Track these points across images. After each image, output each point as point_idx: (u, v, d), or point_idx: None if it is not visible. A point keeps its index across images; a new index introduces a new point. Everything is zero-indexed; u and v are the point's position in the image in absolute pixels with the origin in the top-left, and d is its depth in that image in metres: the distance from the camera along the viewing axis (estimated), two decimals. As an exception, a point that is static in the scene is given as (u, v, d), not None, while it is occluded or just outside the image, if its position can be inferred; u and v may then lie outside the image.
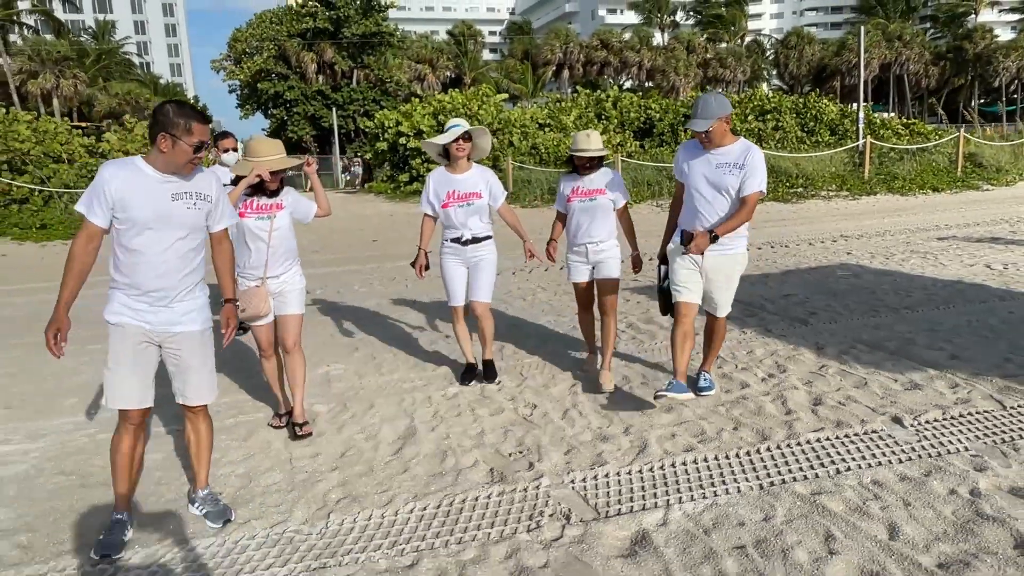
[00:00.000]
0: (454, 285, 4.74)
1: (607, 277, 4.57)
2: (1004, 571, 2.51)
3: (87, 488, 3.44)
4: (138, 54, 75.74)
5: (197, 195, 2.82)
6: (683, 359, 3.90)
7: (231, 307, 3.03)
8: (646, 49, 60.25)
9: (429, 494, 3.28)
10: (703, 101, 3.77)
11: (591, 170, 4.52)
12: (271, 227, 3.83)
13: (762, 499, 3.11)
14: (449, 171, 4.66)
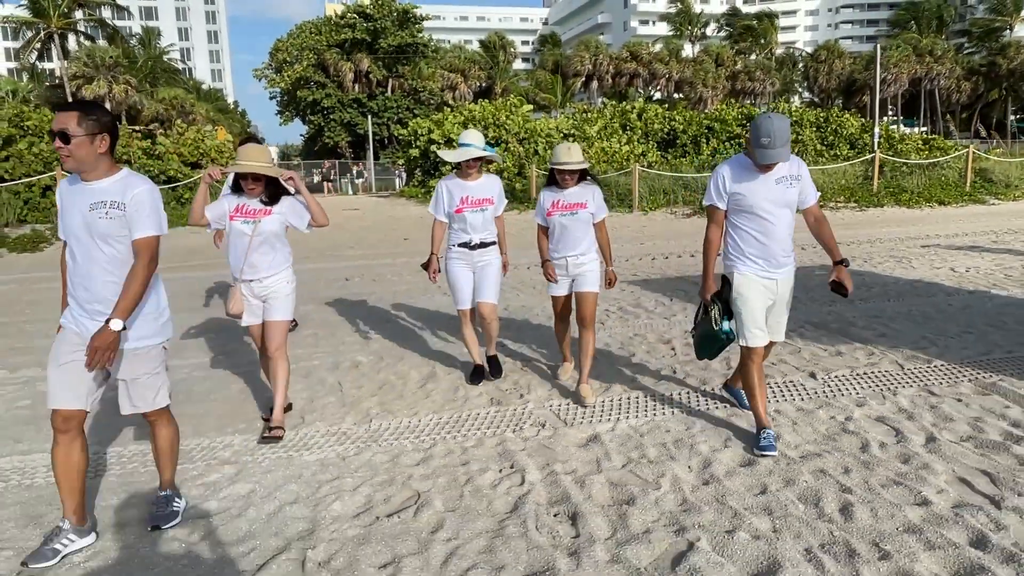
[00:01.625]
0: (462, 289, 4.86)
1: (587, 291, 4.55)
2: (845, 462, 3.57)
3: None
4: (181, 60, 78.45)
5: (111, 204, 2.74)
6: (764, 402, 3.80)
7: (104, 329, 2.71)
8: (675, 61, 61.14)
9: (444, 410, 4.45)
10: (777, 127, 3.35)
11: (572, 183, 4.50)
12: (253, 231, 3.94)
13: (688, 418, 4.21)
14: (461, 178, 4.81)
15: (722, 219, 3.76)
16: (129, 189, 2.78)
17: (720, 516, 3.06)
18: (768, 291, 3.70)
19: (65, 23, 44.90)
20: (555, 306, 4.83)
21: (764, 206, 3.60)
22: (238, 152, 3.96)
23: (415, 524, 3.07)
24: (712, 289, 3.87)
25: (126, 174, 2.83)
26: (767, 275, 3.69)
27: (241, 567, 2.78)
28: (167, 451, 3.11)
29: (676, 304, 7.49)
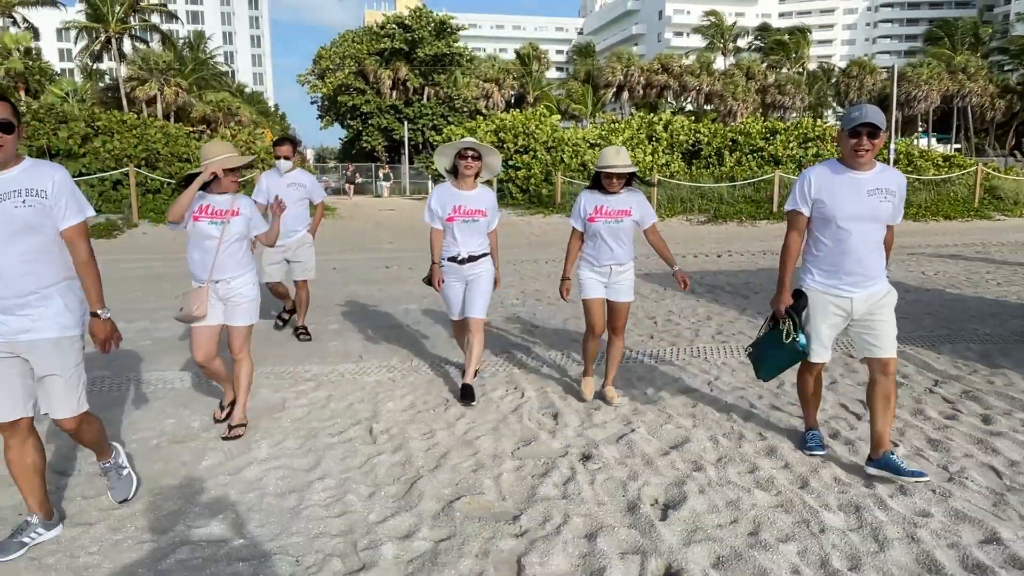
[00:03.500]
0: (452, 301, 4.80)
1: (623, 301, 4.49)
2: (760, 391, 4.83)
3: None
4: (225, 63, 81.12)
5: (27, 191, 2.63)
6: (815, 409, 3.87)
7: (96, 322, 2.84)
8: (705, 74, 62.00)
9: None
10: (868, 106, 3.17)
11: (619, 187, 4.30)
12: (223, 233, 3.87)
13: (652, 363, 5.49)
14: (455, 187, 4.65)
15: (803, 226, 3.47)
16: (46, 176, 2.68)
17: (658, 417, 4.36)
18: (838, 310, 3.42)
19: (121, 28, 47.40)
20: (589, 312, 4.52)
21: (846, 217, 3.29)
22: (202, 150, 3.96)
23: (445, 415, 4.43)
24: (787, 301, 3.54)
25: (32, 162, 2.73)
26: (837, 293, 3.39)
27: (329, 433, 4.15)
28: (93, 444, 3.14)
29: (667, 292, 8.75)
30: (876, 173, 3.37)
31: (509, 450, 3.89)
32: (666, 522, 3.08)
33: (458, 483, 3.48)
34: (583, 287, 4.52)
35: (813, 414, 3.86)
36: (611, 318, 4.56)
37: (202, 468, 3.67)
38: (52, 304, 2.72)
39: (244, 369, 4.10)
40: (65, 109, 20.45)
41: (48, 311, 2.71)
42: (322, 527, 3.06)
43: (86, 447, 3.13)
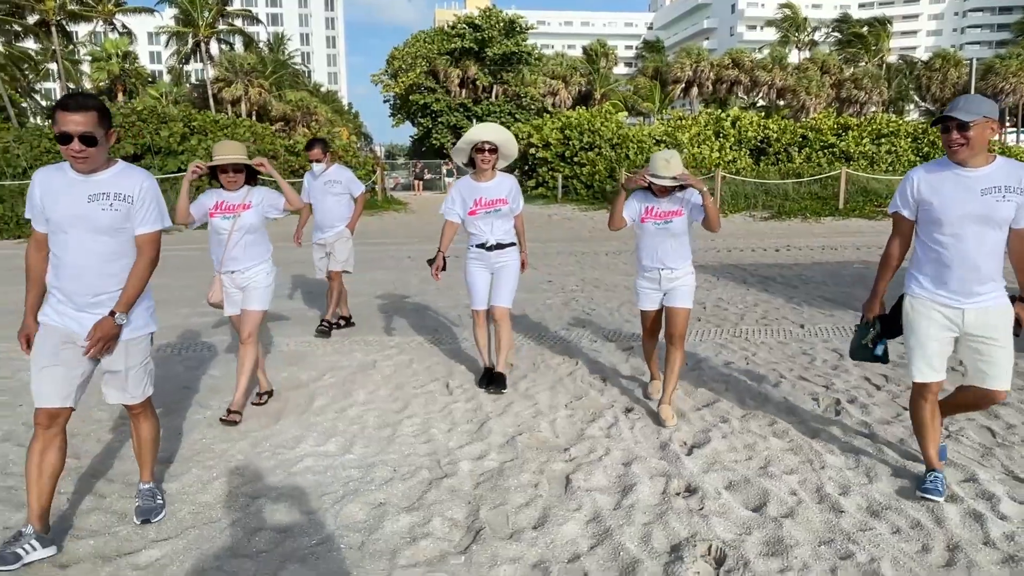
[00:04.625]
0: (477, 289, 4.83)
1: (680, 307, 4.23)
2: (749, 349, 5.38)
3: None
4: (302, 63, 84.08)
5: (116, 196, 2.72)
6: (935, 445, 3.31)
7: (107, 320, 2.78)
8: (778, 69, 60.81)
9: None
10: (968, 96, 2.97)
11: (668, 192, 4.12)
12: (233, 226, 4.13)
13: (711, 346, 6.11)
14: (474, 179, 4.75)
15: (909, 231, 3.20)
16: (135, 182, 2.78)
17: (694, 382, 4.99)
18: (947, 322, 3.09)
19: (209, 32, 50.21)
20: (644, 322, 4.47)
21: (956, 220, 2.98)
22: (215, 148, 4.15)
23: (510, 376, 5.16)
24: (876, 310, 3.37)
25: (124, 166, 2.82)
26: (946, 303, 3.07)
27: (413, 386, 4.95)
28: (149, 444, 3.11)
29: (719, 281, 9.27)
30: (994, 169, 3.00)
31: (563, 403, 4.61)
32: (690, 456, 3.74)
33: (520, 424, 4.23)
34: (637, 296, 4.43)
35: (931, 450, 3.29)
36: (668, 325, 4.29)
37: (314, 408, 4.54)
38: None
39: (249, 355, 4.25)
40: (166, 111, 22.22)
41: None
42: (412, 449, 3.86)
43: (139, 445, 3.10)
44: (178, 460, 3.74)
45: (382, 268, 10.80)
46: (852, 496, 3.29)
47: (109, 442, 4.00)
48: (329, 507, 3.21)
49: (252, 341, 4.25)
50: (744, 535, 2.96)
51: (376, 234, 16.01)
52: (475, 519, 3.11)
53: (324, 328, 6.46)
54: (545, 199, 25.50)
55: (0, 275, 10.24)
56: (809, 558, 2.78)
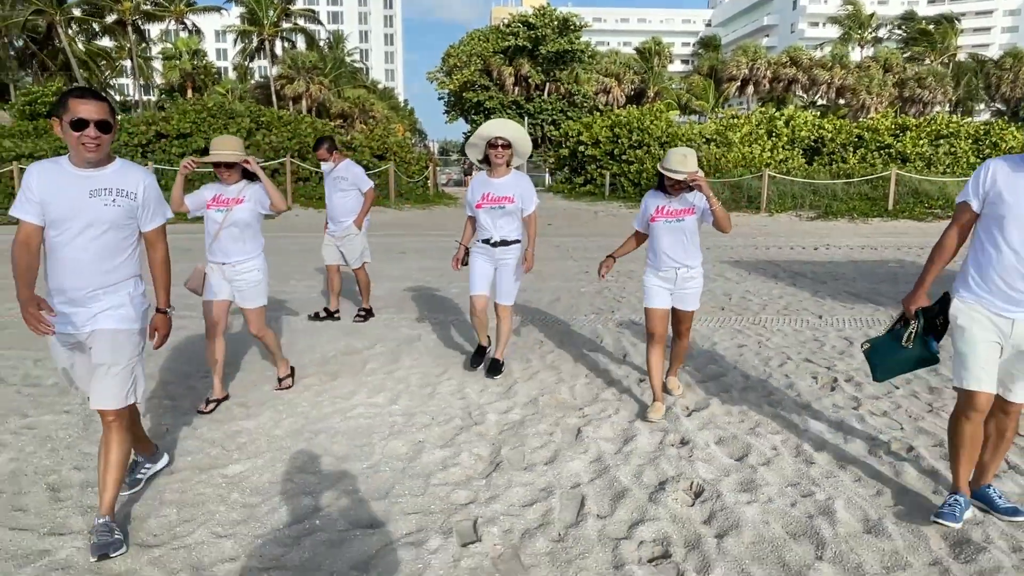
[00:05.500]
0: (477, 276, 4.94)
1: (688, 310, 4.33)
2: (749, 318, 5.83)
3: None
4: (360, 60, 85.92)
5: (118, 191, 2.72)
6: (968, 468, 3.05)
7: (160, 317, 2.96)
8: (838, 67, 59.58)
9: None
10: None
11: (682, 190, 4.12)
12: (224, 219, 4.25)
13: (727, 330, 6.59)
14: (488, 175, 4.85)
15: (968, 223, 2.95)
16: (138, 180, 2.80)
17: (706, 360, 5.49)
18: (996, 330, 2.86)
19: (274, 31, 52.13)
20: (650, 321, 4.31)
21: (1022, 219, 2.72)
22: (213, 143, 4.23)
23: (540, 350, 5.77)
24: (920, 302, 3.08)
25: (123, 163, 2.83)
26: (996, 311, 2.85)
27: (453, 354, 5.60)
28: (116, 466, 2.83)
29: (750, 276, 9.66)
30: None
31: (583, 373, 5.19)
32: (689, 418, 4.28)
33: (543, 388, 4.83)
34: (646, 294, 4.33)
35: (963, 471, 3.03)
36: (675, 322, 4.41)
37: (366, 370, 5.24)
38: (116, 297, 2.81)
39: (269, 338, 4.58)
40: (233, 107, 23.51)
41: (112, 303, 2.79)
42: (448, 403, 4.51)
43: (109, 468, 2.86)
44: (253, 405, 4.48)
45: (430, 257, 11.50)
46: (825, 452, 3.78)
47: (199, 389, 4.76)
48: (377, 442, 3.88)
49: (264, 331, 4.51)
50: (723, 476, 3.50)
51: (427, 226, 16.79)
52: (497, 456, 3.73)
53: (323, 314, 6.85)
54: (593, 196, 25.94)
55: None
56: (774, 495, 3.30)
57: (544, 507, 3.18)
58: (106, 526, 2.79)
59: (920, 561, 2.78)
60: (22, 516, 3.05)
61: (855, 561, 2.76)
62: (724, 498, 3.26)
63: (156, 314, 2.99)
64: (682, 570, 2.71)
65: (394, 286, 8.68)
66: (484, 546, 2.86)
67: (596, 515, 3.12)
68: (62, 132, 2.64)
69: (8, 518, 3.03)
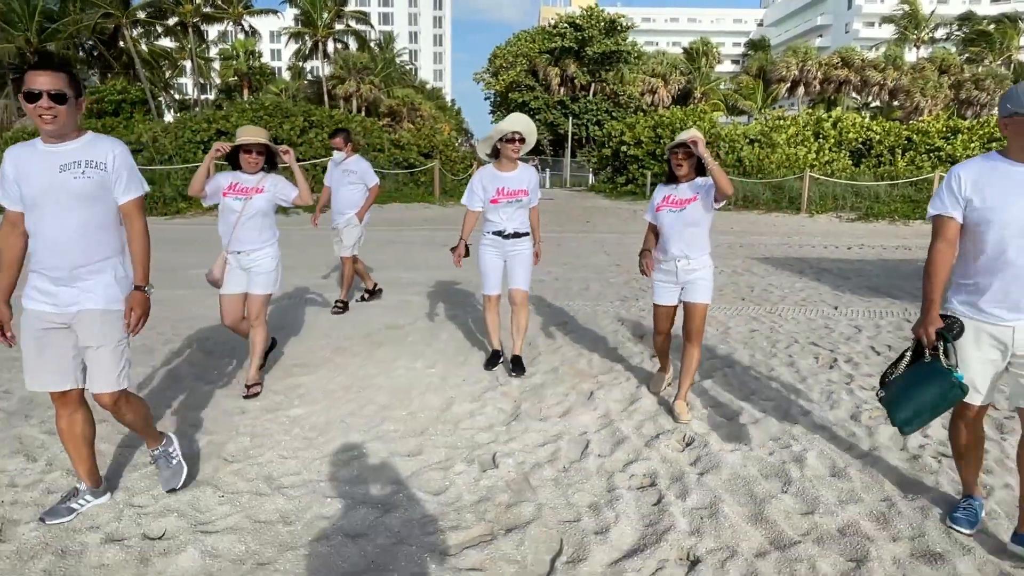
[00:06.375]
0: (490, 275, 4.93)
1: (697, 301, 4.12)
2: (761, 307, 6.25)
3: (451, 285, 8.28)
4: (409, 60, 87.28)
5: (87, 163, 2.65)
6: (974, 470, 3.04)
7: (138, 295, 2.81)
8: (891, 68, 58.38)
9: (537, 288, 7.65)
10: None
11: (686, 170, 4.07)
12: (244, 208, 4.23)
13: (741, 312, 7.05)
14: (497, 168, 4.81)
15: (955, 235, 2.79)
16: (107, 150, 2.72)
17: (719, 341, 5.97)
18: (994, 341, 2.74)
19: (327, 32, 53.69)
20: (657, 320, 4.36)
21: (1011, 223, 2.62)
22: (239, 131, 4.28)
23: (565, 328, 6.31)
24: (936, 323, 2.78)
25: (94, 136, 2.75)
26: (994, 321, 2.73)
27: (479, 337, 6.20)
28: (140, 425, 3.05)
29: (778, 271, 10.02)
30: None
31: (603, 348, 5.73)
32: (691, 385, 4.78)
33: (564, 360, 5.39)
34: (653, 290, 4.34)
35: (970, 476, 3.04)
36: (685, 320, 4.20)
37: (407, 341, 5.87)
38: (102, 277, 2.74)
39: (259, 335, 4.44)
40: (287, 106, 24.59)
41: (98, 283, 2.73)
42: (478, 369, 5.11)
43: (130, 428, 3.05)
44: (309, 364, 5.15)
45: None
46: (810, 417, 4.25)
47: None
48: (415, 397, 4.50)
49: (260, 322, 4.42)
50: (713, 430, 4.01)
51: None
52: (517, 409, 4.31)
53: (339, 308, 6.88)
54: (633, 195, 26.29)
55: (153, 245, 12.33)
56: (756, 445, 3.80)
57: (553, 447, 3.75)
58: (164, 453, 3.16)
59: (872, 498, 3.25)
60: (125, 437, 3.76)
61: (814, 495, 3.25)
62: (710, 447, 3.77)
63: (133, 291, 2.83)
64: (663, 495, 3.24)
65: (434, 273, 9.32)
66: (500, 472, 3.44)
67: (597, 455, 3.67)
68: (25, 106, 2.57)
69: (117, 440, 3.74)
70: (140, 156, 20.72)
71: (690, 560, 2.74)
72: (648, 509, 3.12)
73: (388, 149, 23.58)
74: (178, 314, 6.63)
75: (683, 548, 2.82)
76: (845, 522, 3.02)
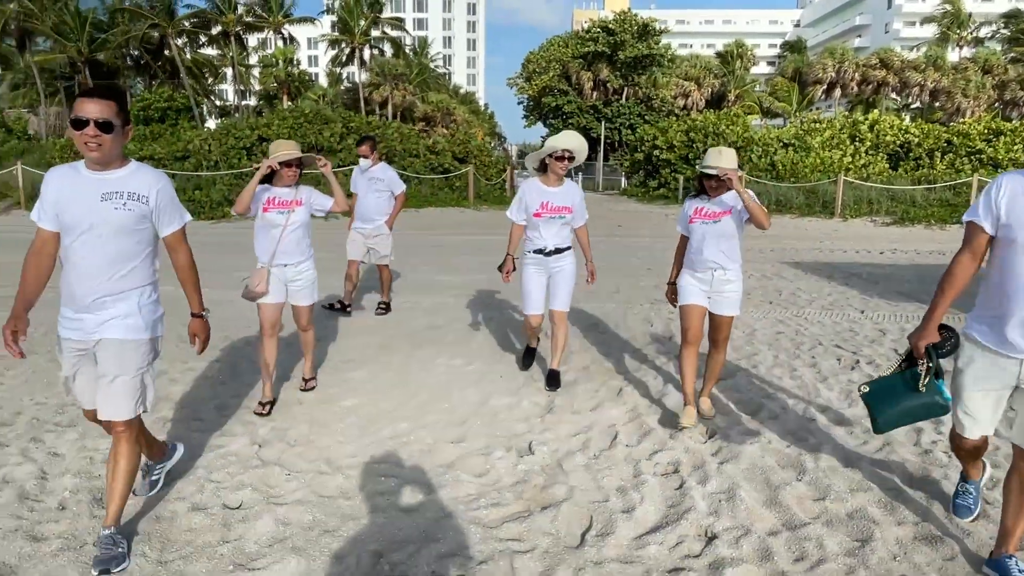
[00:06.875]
0: (532, 294, 4.87)
1: (726, 314, 4.18)
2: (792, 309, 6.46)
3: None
4: (443, 66, 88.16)
5: (129, 195, 2.66)
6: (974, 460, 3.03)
7: (197, 322, 2.88)
8: (931, 69, 57.33)
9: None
10: None
11: (721, 191, 4.07)
12: (287, 221, 4.33)
13: (767, 316, 7.28)
14: (543, 183, 4.77)
15: (982, 247, 2.63)
16: (150, 183, 2.72)
17: (744, 337, 6.22)
18: (1002, 374, 2.61)
19: (364, 40, 54.71)
20: (685, 318, 4.23)
21: None
22: (273, 146, 4.33)
23: (598, 330, 6.62)
24: (930, 338, 2.76)
25: (138, 166, 2.76)
26: (1007, 351, 2.57)
27: (512, 332, 6.53)
28: (124, 476, 2.80)
29: (808, 275, 10.17)
30: None
31: (632, 348, 6.02)
32: (717, 385, 5.05)
33: (594, 358, 5.70)
34: (681, 292, 4.27)
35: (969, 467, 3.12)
36: (712, 330, 4.27)
37: (447, 341, 6.25)
38: (124, 306, 2.73)
39: (310, 340, 4.74)
40: (327, 113, 25.28)
41: (119, 312, 2.72)
42: (514, 366, 5.45)
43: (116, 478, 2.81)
44: (357, 361, 5.56)
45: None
46: (829, 413, 4.50)
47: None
48: (455, 391, 4.86)
49: (310, 329, 4.69)
50: (735, 425, 4.29)
51: (505, 225, 17.74)
52: (551, 403, 4.64)
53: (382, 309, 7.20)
54: (666, 199, 26.42)
55: (201, 248, 12.93)
56: (774, 438, 4.07)
57: (585, 437, 4.07)
58: (110, 538, 2.75)
59: (882, 487, 3.50)
60: (199, 424, 4.18)
61: (826, 483, 3.52)
62: (732, 439, 4.06)
63: (193, 320, 2.90)
64: (685, 480, 3.54)
65: (472, 276, 9.70)
66: (535, 458, 3.78)
67: (625, 444, 3.98)
68: (72, 134, 2.60)
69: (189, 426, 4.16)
70: (187, 162, 21.55)
71: (707, 536, 3.04)
72: (671, 492, 3.43)
73: (423, 154, 24.09)
74: (232, 313, 7.09)
75: (701, 526, 3.11)
76: (854, 507, 3.28)
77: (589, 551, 2.92)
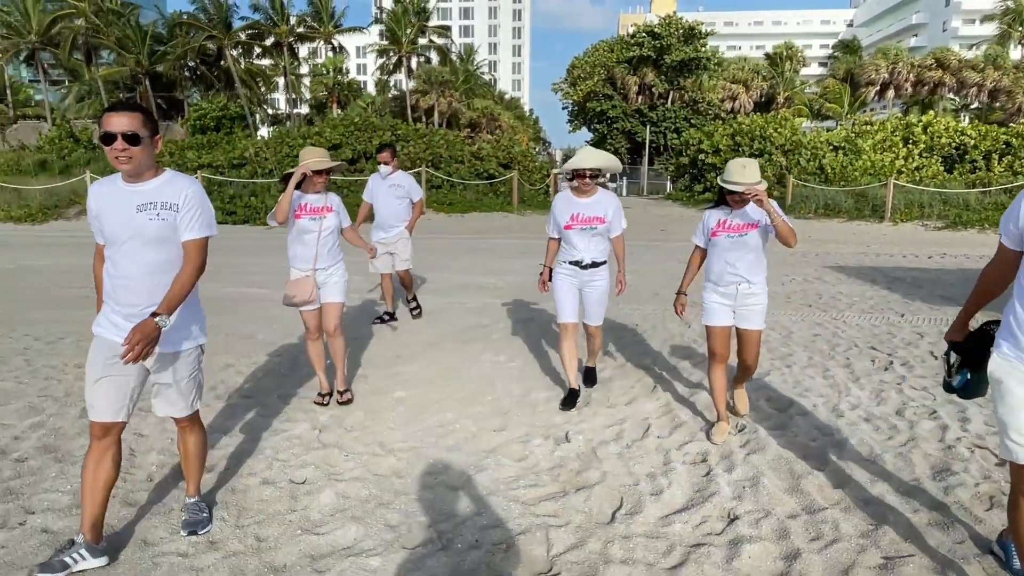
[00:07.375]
0: (565, 302, 4.72)
1: (752, 328, 4.10)
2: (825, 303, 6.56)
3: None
4: (489, 71, 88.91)
5: (162, 205, 2.71)
6: None
7: (150, 321, 2.61)
8: (991, 68, 55.51)
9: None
10: None
11: (743, 204, 3.92)
12: (321, 227, 4.47)
13: (792, 318, 7.41)
14: (575, 194, 4.68)
15: (1008, 261, 2.58)
16: (180, 189, 2.75)
17: (776, 336, 6.38)
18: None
19: (411, 48, 55.79)
20: (712, 341, 4.15)
21: None
22: (304, 153, 4.48)
23: (630, 330, 6.86)
24: (954, 336, 2.87)
25: (172, 175, 2.79)
26: None
27: (546, 331, 6.82)
28: (196, 457, 3.11)
29: (849, 279, 10.20)
30: None
31: (667, 348, 6.26)
32: (750, 383, 5.25)
33: (630, 357, 5.94)
34: (706, 312, 4.18)
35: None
36: (740, 348, 4.20)
37: (492, 339, 6.58)
38: (176, 317, 2.77)
39: (339, 346, 4.70)
40: (375, 121, 25.99)
41: (172, 324, 2.75)
42: (555, 363, 5.74)
43: (189, 460, 3.11)
44: (406, 355, 5.92)
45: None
46: (858, 410, 4.66)
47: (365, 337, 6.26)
48: (499, 385, 5.18)
49: (339, 331, 4.67)
50: (764, 420, 4.50)
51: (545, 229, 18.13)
52: (588, 397, 4.92)
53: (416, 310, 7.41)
54: (711, 203, 26.28)
55: (250, 249, 13.56)
56: (801, 433, 4.27)
57: (618, 429, 4.34)
58: (196, 505, 3.16)
59: (902, 478, 3.68)
60: (264, 410, 4.59)
61: (847, 474, 3.71)
62: (760, 432, 4.27)
63: (148, 319, 2.62)
64: (712, 469, 3.78)
65: (515, 279, 10.02)
66: (571, 446, 4.07)
67: (656, 436, 4.24)
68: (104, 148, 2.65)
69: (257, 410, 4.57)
70: (244, 170, 22.46)
71: (729, 518, 3.28)
72: (698, 479, 3.67)
73: (469, 161, 24.57)
74: (292, 312, 7.56)
75: (724, 508, 3.36)
76: (872, 495, 3.47)
77: (618, 527, 3.19)
